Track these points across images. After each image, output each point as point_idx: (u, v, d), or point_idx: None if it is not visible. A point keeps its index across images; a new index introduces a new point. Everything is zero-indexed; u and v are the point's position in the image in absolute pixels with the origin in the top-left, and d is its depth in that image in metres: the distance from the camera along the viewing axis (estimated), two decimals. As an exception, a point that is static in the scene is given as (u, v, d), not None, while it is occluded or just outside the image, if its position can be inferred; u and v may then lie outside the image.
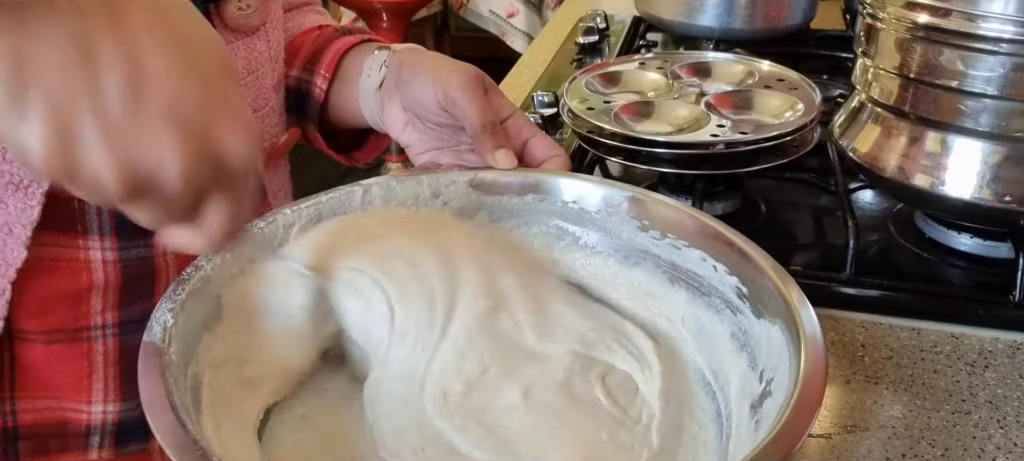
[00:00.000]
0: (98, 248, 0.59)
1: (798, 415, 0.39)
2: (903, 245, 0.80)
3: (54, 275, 0.58)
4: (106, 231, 0.59)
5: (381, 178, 0.59)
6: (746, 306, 0.51)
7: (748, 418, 0.45)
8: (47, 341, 0.59)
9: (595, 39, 1.32)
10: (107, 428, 0.63)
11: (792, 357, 0.44)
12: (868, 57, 0.78)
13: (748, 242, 0.52)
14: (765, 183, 0.89)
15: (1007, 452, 0.57)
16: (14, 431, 0.61)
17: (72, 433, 0.62)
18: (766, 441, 0.38)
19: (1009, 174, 0.70)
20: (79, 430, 0.62)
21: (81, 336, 0.60)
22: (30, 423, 0.61)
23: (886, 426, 0.59)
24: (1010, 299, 0.70)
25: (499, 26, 3.28)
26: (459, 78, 0.62)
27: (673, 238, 0.56)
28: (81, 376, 0.61)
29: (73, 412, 0.62)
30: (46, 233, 0.57)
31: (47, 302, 0.59)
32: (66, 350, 0.60)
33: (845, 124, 0.83)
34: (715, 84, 0.93)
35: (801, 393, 0.40)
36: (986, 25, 0.67)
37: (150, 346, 0.43)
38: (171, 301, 0.45)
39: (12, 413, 0.60)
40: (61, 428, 0.62)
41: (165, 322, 0.44)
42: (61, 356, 0.60)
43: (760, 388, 0.46)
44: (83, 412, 0.62)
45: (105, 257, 0.60)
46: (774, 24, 1.26)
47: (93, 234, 0.59)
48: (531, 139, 0.64)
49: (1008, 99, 0.68)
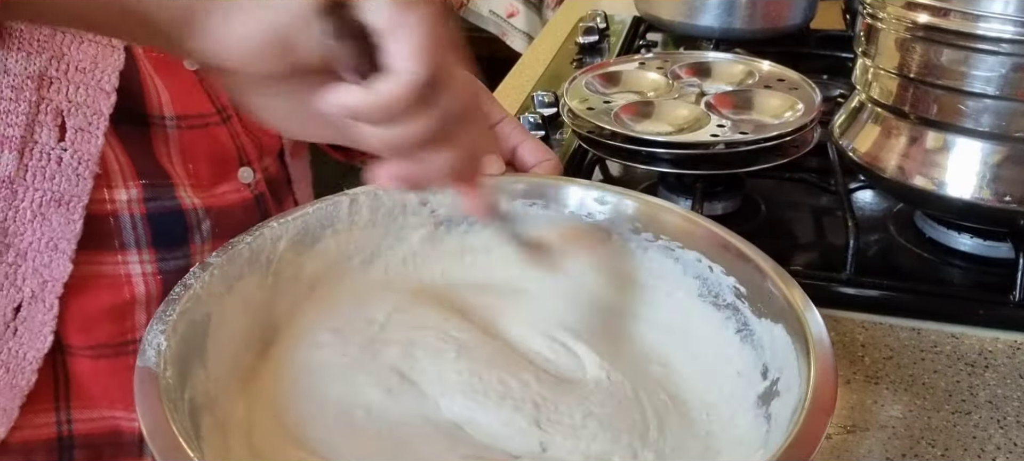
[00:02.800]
0: (137, 262, 0.60)
1: (813, 417, 0.39)
2: (903, 245, 0.80)
3: (96, 292, 0.59)
4: (143, 245, 0.60)
5: (368, 188, 0.58)
6: (745, 305, 0.51)
7: (753, 410, 0.46)
8: (93, 356, 0.60)
9: (595, 39, 1.32)
10: None
11: (799, 358, 0.44)
12: (868, 57, 0.78)
13: (747, 244, 0.52)
14: (765, 183, 0.89)
15: (1007, 452, 0.57)
16: (70, 440, 0.61)
17: (125, 442, 0.63)
18: (786, 444, 0.38)
19: (1009, 174, 0.70)
20: (132, 439, 0.63)
21: (127, 350, 0.61)
22: (84, 433, 0.61)
23: (886, 426, 0.59)
24: (1010, 299, 0.70)
25: (499, 26, 3.28)
26: None
27: (666, 239, 0.56)
28: (129, 387, 0.61)
29: (126, 421, 0.62)
30: (85, 251, 0.57)
31: (91, 319, 0.59)
32: (112, 364, 0.60)
33: (845, 124, 0.83)
34: (715, 84, 0.93)
35: (814, 396, 0.40)
36: (986, 25, 0.67)
37: (145, 371, 0.42)
38: (162, 322, 0.44)
39: (67, 423, 0.61)
40: (115, 437, 0.62)
41: (158, 345, 0.43)
42: (108, 370, 0.60)
43: (765, 385, 0.46)
44: (135, 421, 0.62)
45: (144, 270, 0.60)
46: (774, 24, 1.26)
47: (131, 248, 0.59)
48: (521, 144, 0.63)
49: (1008, 99, 0.68)
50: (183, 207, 0.61)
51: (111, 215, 0.58)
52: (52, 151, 0.55)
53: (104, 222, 0.58)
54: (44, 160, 0.55)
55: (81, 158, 0.56)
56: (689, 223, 0.56)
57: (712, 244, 0.54)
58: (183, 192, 0.61)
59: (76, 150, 0.55)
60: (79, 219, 0.56)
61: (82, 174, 0.56)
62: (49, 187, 0.55)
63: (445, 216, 0.60)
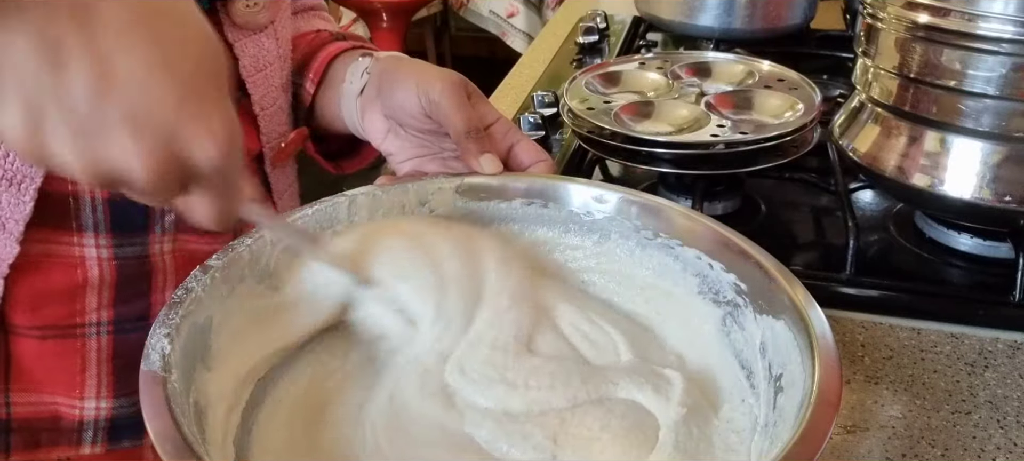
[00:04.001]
0: (93, 245, 0.59)
1: (821, 411, 0.40)
2: (903, 245, 0.80)
3: (48, 272, 0.59)
4: (101, 229, 0.59)
5: (367, 188, 0.58)
6: (745, 302, 0.51)
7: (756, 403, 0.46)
8: (40, 336, 0.60)
9: (595, 39, 1.32)
10: (100, 424, 0.63)
11: (802, 353, 0.44)
12: (868, 57, 0.78)
13: (749, 242, 0.52)
14: (765, 183, 0.89)
15: (1007, 452, 0.57)
16: (6, 423, 0.61)
17: (65, 427, 0.62)
18: (793, 440, 0.38)
19: (1009, 174, 0.70)
20: (72, 425, 0.62)
21: (75, 332, 0.60)
22: (23, 416, 0.61)
23: (886, 426, 0.59)
24: (1010, 299, 0.70)
25: (499, 26, 3.28)
26: (442, 84, 0.61)
27: (665, 237, 0.56)
28: (74, 372, 0.61)
29: (66, 407, 0.62)
30: (40, 230, 0.57)
31: (40, 298, 0.59)
32: (59, 346, 0.60)
33: (845, 124, 0.83)
34: (715, 84, 0.93)
35: (820, 389, 0.41)
36: (986, 25, 0.67)
37: (150, 375, 0.41)
38: (165, 326, 0.44)
39: (5, 405, 0.61)
40: (54, 422, 0.62)
41: (163, 349, 0.43)
42: (54, 352, 0.60)
43: (768, 382, 0.47)
44: (76, 407, 0.62)
45: (100, 255, 0.60)
46: (774, 24, 1.26)
47: (88, 231, 0.59)
48: (516, 144, 0.63)
49: (1008, 99, 0.68)
50: None
51: (71, 195, 0.58)
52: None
53: (63, 202, 0.58)
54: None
55: None
56: (689, 221, 0.56)
57: (712, 242, 0.54)
58: None
59: None
60: (30, 200, 0.56)
61: None
62: (0, 167, 0.55)
63: (443, 215, 0.60)
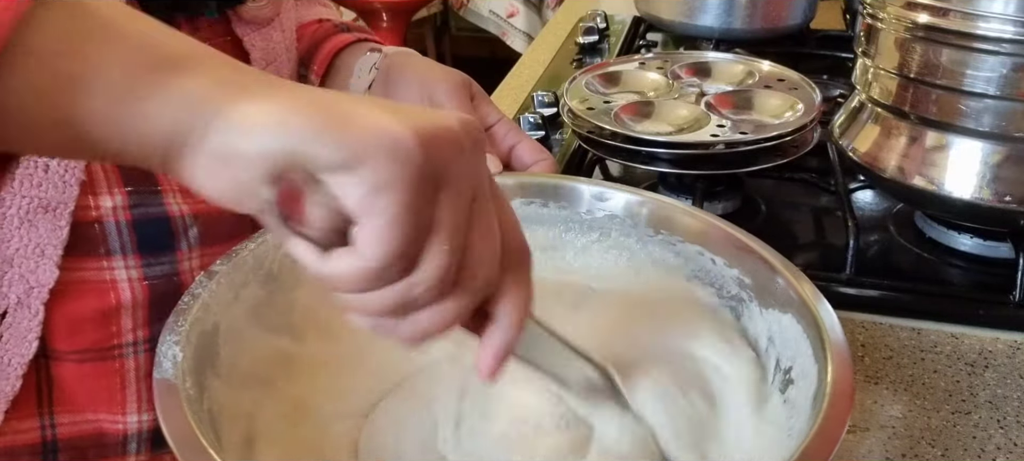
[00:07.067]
0: (122, 268, 0.60)
1: (837, 401, 0.40)
2: (903, 245, 0.80)
3: (82, 297, 0.59)
4: (128, 251, 0.60)
5: None
6: (749, 296, 0.51)
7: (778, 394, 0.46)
8: (79, 360, 0.60)
9: (595, 39, 1.32)
10: (143, 435, 0.63)
11: (813, 346, 0.44)
12: (868, 57, 0.78)
13: (754, 239, 0.53)
14: (765, 183, 0.89)
15: (1007, 452, 0.57)
16: (53, 444, 0.61)
17: (110, 443, 0.63)
18: (812, 434, 0.38)
19: (1009, 174, 0.70)
20: (116, 440, 0.63)
21: (112, 354, 0.61)
22: (68, 435, 0.61)
23: (886, 426, 0.59)
24: (1010, 299, 0.70)
25: (499, 26, 3.28)
26: (446, 83, 0.62)
27: (666, 234, 0.56)
28: (114, 390, 0.62)
29: (109, 423, 0.62)
30: (71, 257, 0.57)
31: (76, 324, 0.59)
32: (98, 368, 0.60)
33: (845, 124, 0.83)
34: (715, 84, 0.93)
35: (834, 380, 0.41)
36: (986, 25, 0.67)
37: (164, 383, 0.41)
38: (174, 333, 0.44)
39: (51, 427, 0.61)
40: (99, 439, 0.62)
41: (174, 356, 0.43)
42: (94, 374, 0.60)
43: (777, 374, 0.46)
44: (119, 422, 0.62)
45: (130, 276, 0.60)
46: (774, 24, 1.26)
47: (116, 255, 0.59)
48: (517, 144, 0.64)
49: (1008, 99, 0.68)
50: (169, 214, 0.61)
51: (96, 221, 0.58)
52: (38, 158, 0.54)
53: (89, 228, 0.58)
54: (31, 167, 0.54)
55: (67, 165, 0.55)
56: (692, 219, 0.56)
57: (714, 238, 0.54)
58: (172, 198, 0.61)
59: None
60: (66, 225, 0.56)
61: (68, 181, 0.56)
62: (36, 194, 0.55)
63: None
